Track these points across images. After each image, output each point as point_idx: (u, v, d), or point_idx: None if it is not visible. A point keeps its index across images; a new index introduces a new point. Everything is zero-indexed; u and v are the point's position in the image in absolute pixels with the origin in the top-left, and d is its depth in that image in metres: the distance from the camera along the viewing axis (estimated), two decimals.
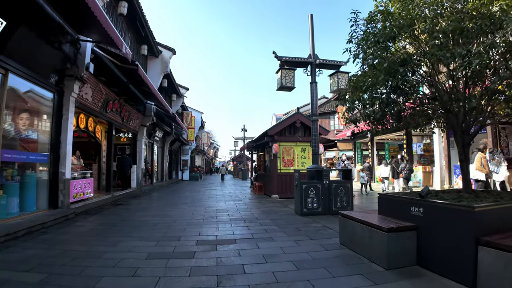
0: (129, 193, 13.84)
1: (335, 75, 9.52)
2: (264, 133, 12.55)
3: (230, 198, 12.86)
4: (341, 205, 8.26)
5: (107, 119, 12.39)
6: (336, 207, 8.19)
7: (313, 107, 9.23)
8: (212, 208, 9.66)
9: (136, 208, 9.73)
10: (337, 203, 8.24)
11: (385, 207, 4.80)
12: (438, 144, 14.82)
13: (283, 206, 9.91)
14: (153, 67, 17.35)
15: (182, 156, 31.19)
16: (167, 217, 7.91)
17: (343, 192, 8.30)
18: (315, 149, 8.97)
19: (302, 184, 8.00)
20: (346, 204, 8.32)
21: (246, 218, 7.65)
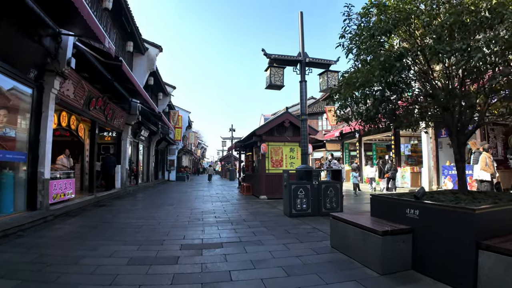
0: (113, 194, 13.43)
1: (324, 74, 9.35)
2: (253, 133, 12.33)
3: (217, 199, 12.59)
4: (330, 206, 8.08)
5: (90, 117, 11.98)
6: (326, 208, 8.00)
7: (302, 106, 9.03)
8: (198, 209, 9.38)
9: (120, 210, 9.38)
10: (327, 204, 8.05)
11: (378, 208, 4.62)
12: (427, 145, 14.83)
13: (271, 207, 9.69)
14: (139, 65, 16.95)
15: (168, 156, 30.72)
16: (151, 219, 7.60)
17: (332, 193, 8.12)
18: (304, 149, 8.77)
19: (291, 185, 7.80)
20: (336, 205, 8.14)
21: (234, 220, 7.40)
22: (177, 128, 29.47)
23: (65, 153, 11.71)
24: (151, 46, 17.23)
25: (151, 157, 23.36)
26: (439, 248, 3.51)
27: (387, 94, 4.37)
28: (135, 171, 19.39)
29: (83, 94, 10.67)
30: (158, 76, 19.38)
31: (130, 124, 16.08)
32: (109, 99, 12.86)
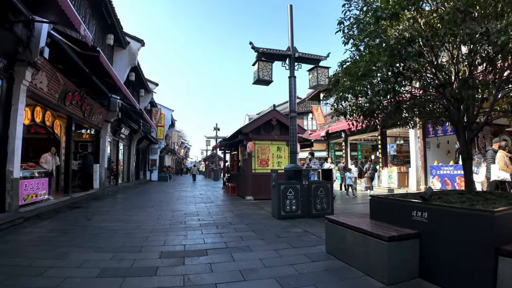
0: (90, 195, 12.72)
1: (314, 70, 8.98)
2: (239, 131, 11.84)
3: (201, 200, 12.05)
4: (321, 207, 7.68)
5: (66, 113, 11.27)
6: (316, 210, 7.61)
7: (291, 103, 8.62)
8: (180, 211, 8.83)
9: (96, 212, 8.74)
10: (317, 205, 7.65)
11: (379, 211, 4.22)
12: (414, 144, 14.67)
13: (258, 209, 9.23)
14: (119, 59, 16.22)
15: (150, 156, 29.89)
16: (130, 223, 7.03)
17: (323, 193, 7.73)
18: (293, 147, 8.35)
19: (280, 185, 7.36)
20: (327, 206, 7.75)
21: (219, 223, 6.90)
22: (159, 127, 28.71)
23: (51, 151, 11.01)
24: (132, 40, 16.53)
25: (132, 156, 22.57)
26: (451, 254, 3.14)
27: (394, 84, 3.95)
28: (115, 170, 18.61)
29: (58, 88, 9.98)
30: (139, 71, 18.67)
31: (109, 121, 15.34)
32: (87, 94, 12.16)
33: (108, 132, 15.52)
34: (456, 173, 12.72)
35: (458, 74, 3.67)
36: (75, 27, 6.76)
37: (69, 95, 10.75)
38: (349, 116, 4.94)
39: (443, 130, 13.63)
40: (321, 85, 9.00)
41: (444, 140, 14.66)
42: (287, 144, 12.05)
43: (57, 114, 12.49)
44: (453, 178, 12.80)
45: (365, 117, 4.57)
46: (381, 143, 16.98)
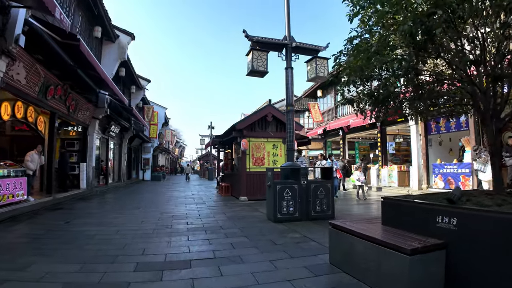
0: (76, 195, 12.03)
1: (313, 61, 8.33)
2: (232, 127, 11.17)
3: (193, 200, 11.37)
4: (321, 209, 7.04)
5: (48, 108, 10.55)
6: (316, 212, 6.97)
7: (288, 95, 7.97)
8: (168, 213, 8.15)
9: (77, 214, 8.06)
10: (316, 206, 7.01)
11: (394, 216, 3.58)
12: (416, 142, 14.08)
13: (253, 210, 8.57)
14: (108, 53, 15.48)
15: (143, 155, 29.13)
16: (110, 226, 6.36)
17: (323, 193, 7.09)
18: (290, 144, 7.70)
19: (276, 185, 6.70)
20: (327, 208, 7.11)
21: (209, 227, 6.23)
22: (152, 125, 28.00)
23: (37, 149, 10.27)
24: (122, 33, 15.78)
25: (123, 155, 21.83)
26: (486, 269, 2.52)
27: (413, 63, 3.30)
28: (105, 170, 17.88)
29: (38, 80, 9.30)
30: (130, 66, 17.94)
31: (97, 118, 14.62)
32: (72, 88, 11.44)
33: (96, 130, 14.80)
34: (460, 172, 12.16)
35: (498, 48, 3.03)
36: (49, 9, 6.09)
37: (51, 88, 10.06)
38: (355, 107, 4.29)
39: (446, 126, 13.09)
40: (320, 77, 8.36)
41: (446, 138, 14.08)
42: (284, 141, 11.42)
43: (40, 110, 11.79)
44: (457, 177, 12.24)
45: (376, 105, 3.92)
46: (381, 141, 16.39)
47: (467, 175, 11.94)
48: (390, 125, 16.07)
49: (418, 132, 14.15)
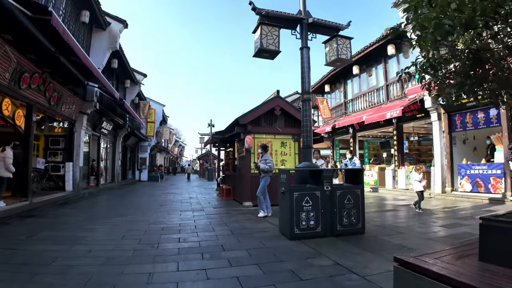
0: (59, 199, 10.58)
1: (333, 41, 6.90)
2: (235, 122, 9.70)
3: (189, 206, 9.91)
4: (348, 222, 5.59)
5: (23, 99, 9.10)
6: (342, 225, 5.52)
7: (305, 81, 6.53)
8: (158, 224, 6.69)
9: (49, 224, 6.63)
10: (343, 219, 5.56)
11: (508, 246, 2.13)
12: (439, 140, 12.62)
13: (260, 220, 7.12)
14: (98, 42, 14.02)
15: (140, 154, 27.65)
16: (81, 244, 4.92)
17: (351, 202, 5.64)
18: (307, 141, 6.26)
19: (293, 192, 5.25)
20: (356, 221, 5.66)
21: (207, 248, 4.76)
22: (149, 123, 26.55)
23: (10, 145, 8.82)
24: (113, 20, 14.32)
25: (117, 154, 20.37)
26: None
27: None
28: (96, 169, 16.43)
29: (9, 66, 7.90)
30: (123, 58, 16.48)
31: (85, 113, 13.18)
32: (52, 78, 9.99)
33: (84, 126, 13.35)
34: (491, 173, 10.73)
35: None
36: None
37: (26, 76, 8.64)
38: (428, 76, 2.86)
39: (473, 122, 11.64)
40: (342, 59, 6.90)
41: (470, 135, 12.69)
42: (293, 138, 9.99)
43: (19, 103, 10.37)
44: (487, 178, 10.82)
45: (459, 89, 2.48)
46: (397, 139, 14.92)
47: (499, 177, 10.51)
48: (408, 121, 14.64)
49: (441, 128, 12.69)
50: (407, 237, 5.46)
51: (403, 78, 14.82)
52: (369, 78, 17.19)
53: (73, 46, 7.69)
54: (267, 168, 7.70)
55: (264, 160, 7.84)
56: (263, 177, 7.78)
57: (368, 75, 17.24)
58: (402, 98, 14.37)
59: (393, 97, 15.12)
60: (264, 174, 7.76)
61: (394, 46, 14.50)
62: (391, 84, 15.37)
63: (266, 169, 7.66)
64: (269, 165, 7.75)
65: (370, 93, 16.83)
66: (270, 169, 7.75)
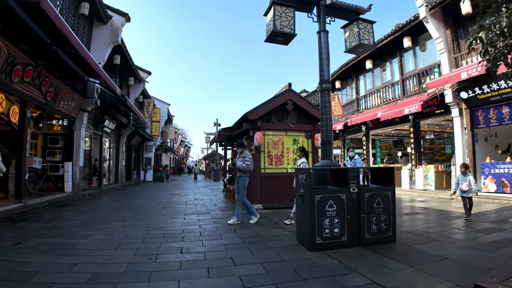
0: (56, 200, 9.91)
1: (353, 25, 6.17)
2: (243, 117, 8.94)
3: (195, 208, 9.20)
4: (377, 228, 4.83)
5: (16, 93, 8.45)
6: (371, 233, 4.76)
7: (323, 69, 5.78)
8: (159, 230, 5.96)
9: (40, 229, 5.94)
10: (372, 225, 4.79)
11: None
12: (461, 137, 11.79)
13: (273, 226, 6.36)
14: (99, 36, 13.37)
15: (144, 154, 27.04)
16: (69, 255, 4.21)
17: (381, 206, 4.87)
18: (327, 136, 5.52)
19: (315, 195, 4.49)
20: (386, 227, 4.89)
21: (213, 261, 4.01)
22: (154, 122, 25.95)
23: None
24: (115, 13, 13.69)
25: (120, 154, 19.75)
26: None
27: None
28: (98, 169, 15.79)
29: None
30: (126, 54, 15.83)
31: (86, 111, 12.55)
32: (48, 72, 9.35)
33: (84, 124, 12.72)
34: None
35: None
36: None
37: (18, 68, 8.00)
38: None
39: (497, 118, 10.82)
40: (364, 45, 6.16)
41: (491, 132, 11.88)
42: (307, 135, 9.24)
43: (15, 99, 9.77)
44: None
45: None
46: (414, 136, 14.08)
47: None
48: (425, 118, 13.81)
49: (462, 125, 11.86)
50: (445, 246, 4.70)
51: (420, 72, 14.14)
52: (383, 73, 16.38)
53: (67, 33, 7.01)
54: (244, 167, 6.71)
55: (242, 157, 6.82)
56: (240, 177, 6.85)
57: (382, 70, 16.42)
58: (419, 93, 13.55)
59: (410, 92, 14.28)
60: (241, 174, 6.83)
61: (410, 38, 13.69)
62: (407, 79, 14.54)
63: (243, 168, 6.71)
64: (247, 163, 6.72)
65: (384, 88, 16.00)
66: (249, 168, 6.75)
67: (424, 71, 13.69)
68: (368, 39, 6.18)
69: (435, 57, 13.23)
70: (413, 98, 13.63)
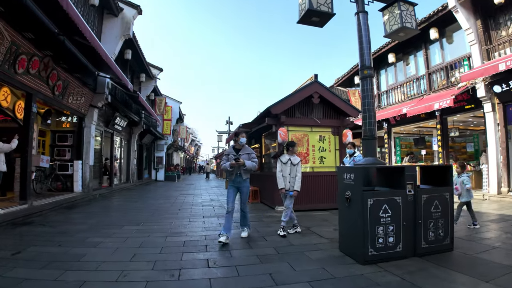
0: (64, 201, 9.35)
1: (394, 7, 5.42)
2: (265, 112, 8.20)
3: (212, 210, 8.55)
4: (434, 236, 4.09)
5: (20, 86, 7.87)
6: (428, 241, 4.02)
7: (364, 53, 5.06)
8: (178, 237, 5.29)
9: (44, 235, 5.34)
10: (429, 232, 4.05)
11: None
12: (494, 134, 10.91)
13: (306, 232, 5.62)
14: (109, 29, 12.80)
15: (156, 153, 26.54)
16: (73, 269, 3.57)
17: (438, 210, 4.13)
18: (370, 129, 4.78)
19: (367, 198, 3.76)
20: (443, 235, 4.15)
21: (249, 279, 3.29)
22: (166, 121, 25.41)
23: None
24: (126, 5, 13.10)
25: (132, 153, 19.22)
26: None
27: None
28: (109, 169, 15.26)
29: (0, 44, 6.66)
30: (137, 49, 15.24)
31: (96, 107, 11.99)
32: (56, 64, 8.78)
33: (95, 121, 12.16)
34: None
35: None
36: None
37: (22, 58, 7.44)
38: None
39: None
40: (407, 29, 5.40)
41: None
42: (333, 131, 8.51)
43: (21, 94, 9.26)
44: None
45: None
46: (441, 133, 13.21)
47: None
48: (454, 113, 12.92)
49: (495, 121, 10.98)
50: (510, 255, 3.98)
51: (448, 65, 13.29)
52: (407, 67, 15.50)
53: (75, 18, 6.37)
54: (254, 166, 5.24)
55: (247, 154, 5.26)
56: (246, 180, 5.29)
57: (406, 64, 15.54)
58: (448, 87, 12.68)
59: (437, 86, 13.41)
60: (247, 177, 5.30)
61: (437, 29, 12.83)
62: (434, 73, 13.66)
63: (254, 168, 5.26)
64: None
65: (408, 83, 15.13)
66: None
67: (453, 64, 12.81)
68: (411, 22, 5.43)
69: (464, 49, 12.38)
70: (441, 92, 12.78)
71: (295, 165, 5.62)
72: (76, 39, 7.75)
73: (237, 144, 5.37)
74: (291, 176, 5.59)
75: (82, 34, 6.90)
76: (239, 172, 5.15)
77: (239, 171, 5.15)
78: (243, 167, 5.06)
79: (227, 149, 5.26)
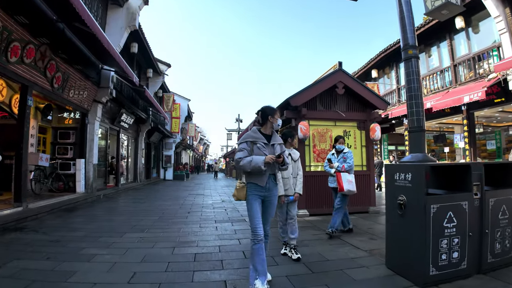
0: (65, 203, 8.66)
1: None
2: (284, 104, 7.32)
3: (225, 213, 7.78)
4: (501, 248, 3.28)
5: (14, 77, 7.17)
6: (494, 255, 3.22)
7: (407, 30, 4.25)
8: (188, 248, 4.53)
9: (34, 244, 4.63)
10: (496, 244, 3.25)
11: None
12: None
13: (340, 244, 4.76)
14: (114, 20, 12.09)
15: (164, 151, 25.91)
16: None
17: (506, 217, 3.32)
18: (418, 119, 3.96)
19: (431, 204, 2.94)
20: (510, 246, 3.35)
21: None
22: (174, 118, 24.78)
23: None
24: None
25: (139, 151, 18.58)
26: None
27: None
28: (115, 167, 14.60)
29: None
30: (144, 42, 14.55)
31: (100, 102, 11.31)
32: (54, 53, 8.09)
33: (99, 117, 11.48)
34: None
35: None
36: None
37: (15, 46, 6.75)
38: None
39: None
40: (451, 6, 4.58)
41: None
42: (359, 126, 7.70)
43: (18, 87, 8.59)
44: None
45: None
46: (469, 129, 12.26)
47: None
48: (482, 108, 11.96)
49: None
50: None
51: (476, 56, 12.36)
52: (429, 59, 14.57)
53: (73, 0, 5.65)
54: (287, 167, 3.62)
55: (280, 145, 3.33)
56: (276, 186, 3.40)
57: (428, 56, 14.61)
58: (476, 79, 11.74)
59: (464, 78, 12.47)
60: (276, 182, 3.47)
61: (463, 18, 11.89)
62: (460, 64, 12.72)
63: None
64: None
65: (431, 76, 14.19)
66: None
67: (481, 54, 11.86)
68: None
69: (491, 38, 11.47)
70: (469, 85, 11.83)
71: (296, 161, 4.34)
72: (76, 25, 7.06)
73: (267, 127, 3.26)
74: (293, 175, 4.24)
75: (80, 17, 6.18)
76: (274, 173, 3.28)
77: (275, 171, 3.29)
78: (281, 165, 3.19)
79: (249, 132, 3.26)
